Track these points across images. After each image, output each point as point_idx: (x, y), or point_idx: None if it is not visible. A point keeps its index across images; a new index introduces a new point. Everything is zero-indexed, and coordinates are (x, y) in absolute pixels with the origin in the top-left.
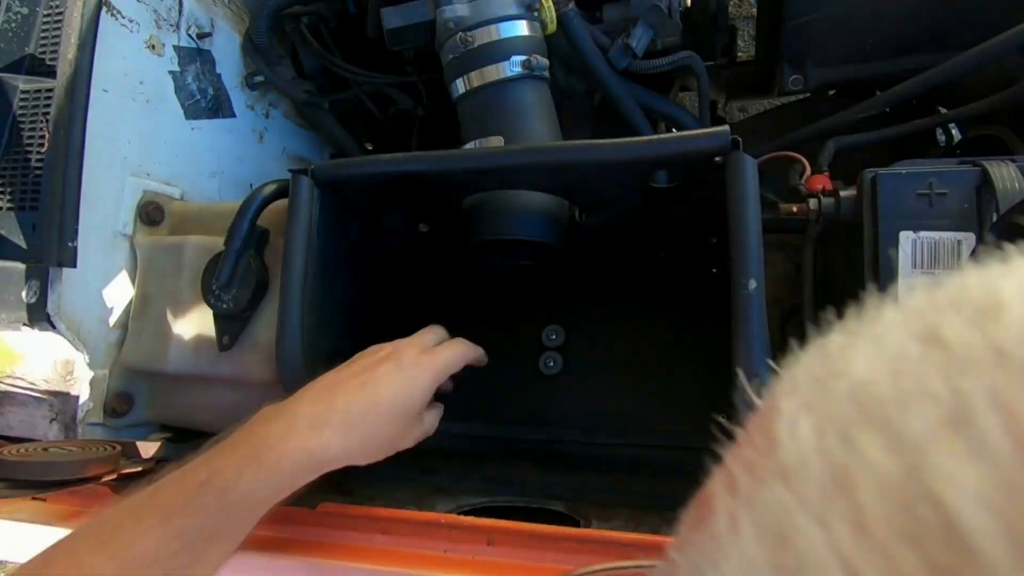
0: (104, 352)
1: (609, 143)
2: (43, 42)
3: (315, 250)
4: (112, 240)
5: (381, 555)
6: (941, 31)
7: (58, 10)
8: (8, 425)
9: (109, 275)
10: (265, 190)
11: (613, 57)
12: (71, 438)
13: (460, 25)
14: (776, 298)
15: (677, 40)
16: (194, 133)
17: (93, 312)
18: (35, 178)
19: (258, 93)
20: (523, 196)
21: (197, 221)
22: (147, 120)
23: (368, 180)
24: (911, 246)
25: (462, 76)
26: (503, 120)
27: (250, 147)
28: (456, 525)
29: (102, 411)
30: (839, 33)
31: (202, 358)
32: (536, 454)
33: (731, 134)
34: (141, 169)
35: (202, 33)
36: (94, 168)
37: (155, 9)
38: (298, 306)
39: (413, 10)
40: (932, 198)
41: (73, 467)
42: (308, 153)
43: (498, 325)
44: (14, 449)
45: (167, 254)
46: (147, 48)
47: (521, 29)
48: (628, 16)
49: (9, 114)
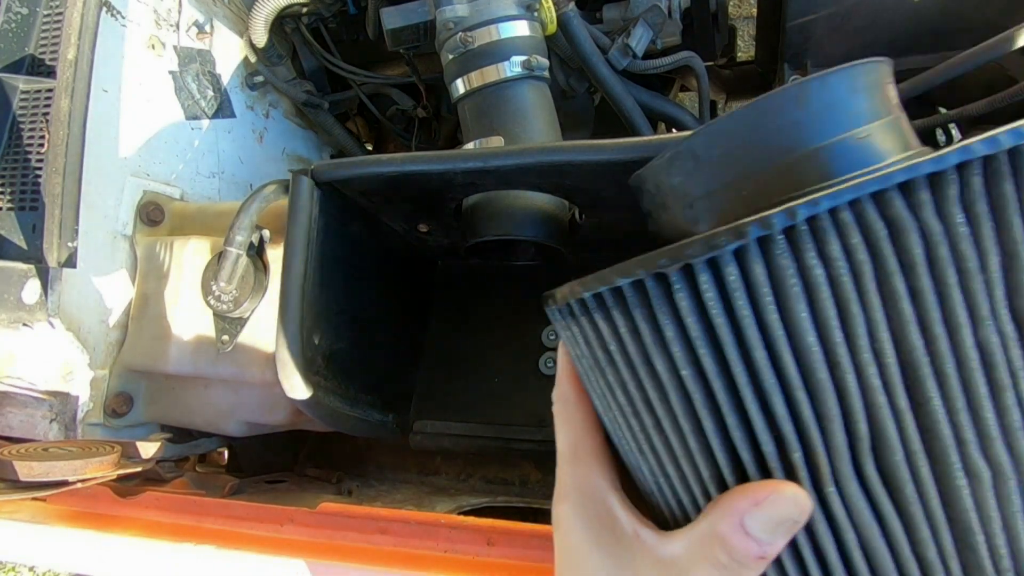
0: (104, 352)
1: (609, 143)
2: (43, 42)
3: (315, 250)
4: (112, 240)
5: (381, 555)
6: (941, 31)
7: (58, 10)
8: (8, 425)
9: (109, 275)
10: (265, 190)
11: (613, 57)
12: (71, 438)
13: (460, 25)
14: None
15: (677, 40)
16: (194, 133)
17: (93, 312)
18: (35, 178)
19: (258, 93)
20: (523, 196)
21: (197, 221)
22: (147, 120)
23: (368, 180)
24: None
25: (462, 76)
26: (503, 120)
27: (250, 147)
28: (456, 525)
29: (102, 411)
30: (839, 33)
31: (202, 358)
32: (536, 454)
33: None
34: (141, 169)
35: (202, 33)
36: (94, 168)
37: (155, 9)
38: (298, 306)
39: (413, 10)
40: None
41: (73, 467)
42: (308, 153)
43: (498, 325)
44: (14, 449)
45: (167, 254)
46: (147, 48)
47: (521, 29)
48: (628, 16)
49: (9, 114)
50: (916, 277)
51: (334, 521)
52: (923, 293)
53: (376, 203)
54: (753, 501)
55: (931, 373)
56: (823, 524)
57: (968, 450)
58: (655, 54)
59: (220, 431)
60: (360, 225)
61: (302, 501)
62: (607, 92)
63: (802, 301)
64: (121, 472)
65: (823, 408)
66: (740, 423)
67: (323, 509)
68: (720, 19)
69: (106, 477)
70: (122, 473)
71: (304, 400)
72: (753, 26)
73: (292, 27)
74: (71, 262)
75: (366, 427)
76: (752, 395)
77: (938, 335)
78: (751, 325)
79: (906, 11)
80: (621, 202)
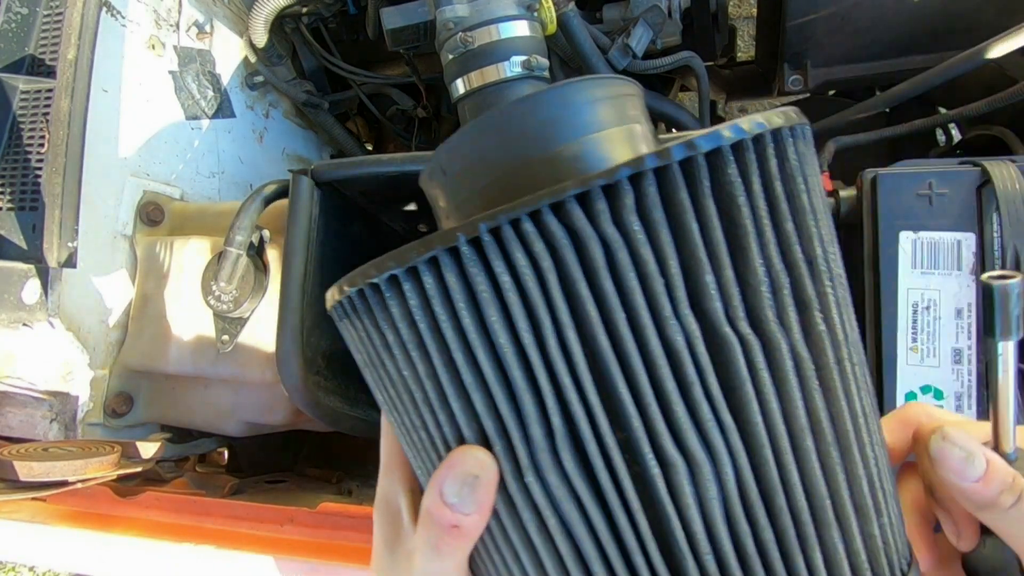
0: (104, 352)
1: None
2: (43, 42)
3: (315, 250)
4: (112, 240)
5: None
6: (941, 31)
7: (58, 10)
8: (8, 425)
9: (109, 275)
10: (265, 190)
11: (613, 57)
12: (71, 438)
13: (460, 25)
14: None
15: (677, 40)
16: (194, 133)
17: (93, 312)
18: (35, 178)
19: (258, 93)
20: None
21: (197, 221)
22: (147, 120)
23: (368, 180)
24: (911, 246)
25: (462, 76)
26: None
27: (250, 147)
28: None
29: (102, 411)
30: (839, 33)
31: (202, 358)
32: None
33: None
34: (141, 169)
35: (202, 33)
36: (94, 168)
37: (155, 9)
38: (298, 306)
39: (413, 10)
40: (932, 198)
41: (73, 467)
42: (308, 153)
43: None
44: (14, 449)
45: (167, 254)
46: (147, 48)
47: (521, 29)
48: (628, 16)
49: (9, 114)
50: (599, 281)
51: (334, 521)
52: (607, 297)
53: (376, 203)
54: (447, 466)
55: (619, 371)
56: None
57: (661, 442)
58: (655, 54)
59: (220, 431)
60: (360, 225)
61: (302, 501)
62: None
63: (492, 306)
64: (121, 472)
65: (520, 404)
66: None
67: (323, 509)
68: (720, 19)
69: (106, 477)
70: (122, 473)
71: (304, 400)
72: (753, 26)
73: (292, 27)
74: (71, 262)
75: (366, 427)
76: (455, 393)
77: (623, 336)
78: (449, 329)
79: (906, 11)
80: None
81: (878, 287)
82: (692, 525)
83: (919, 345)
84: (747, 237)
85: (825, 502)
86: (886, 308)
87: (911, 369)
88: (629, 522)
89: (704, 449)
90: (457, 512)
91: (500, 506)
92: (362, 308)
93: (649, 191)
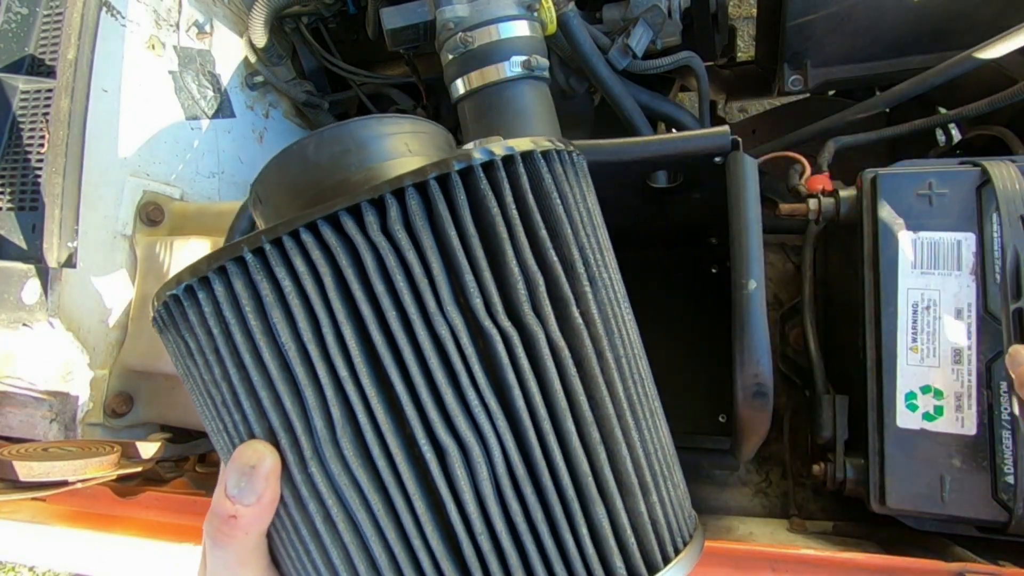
0: (104, 352)
1: (609, 143)
2: (43, 42)
3: None
4: (112, 240)
5: None
6: (941, 31)
7: (58, 10)
8: (8, 425)
9: (109, 275)
10: None
11: (613, 57)
12: (71, 438)
13: (460, 25)
14: (776, 298)
15: (677, 40)
16: (194, 133)
17: (93, 312)
18: (35, 178)
19: (258, 93)
20: None
21: (197, 221)
22: (147, 120)
23: None
24: (911, 246)
25: (462, 76)
26: (503, 120)
27: (250, 147)
28: None
29: (102, 411)
30: (839, 33)
31: None
32: None
33: (731, 134)
34: (141, 169)
35: (202, 33)
36: (94, 168)
37: (155, 9)
38: None
39: (413, 10)
40: (932, 198)
41: (73, 467)
42: None
43: None
44: (14, 449)
45: (167, 254)
46: (147, 48)
47: (521, 29)
48: (628, 16)
49: (9, 114)
50: (372, 283)
51: None
52: (380, 296)
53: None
54: (231, 461)
55: (393, 363)
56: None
57: (434, 427)
58: (655, 54)
59: None
60: None
61: None
62: (607, 92)
63: (276, 308)
64: (121, 472)
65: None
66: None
67: None
68: (720, 19)
69: (106, 477)
70: (122, 473)
71: None
72: (753, 26)
73: (292, 27)
74: (71, 262)
75: None
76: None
77: (395, 330)
78: (238, 332)
79: (906, 11)
80: (621, 202)
81: (878, 287)
82: (466, 507)
83: (919, 345)
84: (503, 242)
85: (588, 479)
86: (886, 308)
87: (911, 369)
88: (408, 506)
89: (474, 432)
90: (237, 503)
91: (289, 498)
92: (168, 320)
93: (411, 204)
